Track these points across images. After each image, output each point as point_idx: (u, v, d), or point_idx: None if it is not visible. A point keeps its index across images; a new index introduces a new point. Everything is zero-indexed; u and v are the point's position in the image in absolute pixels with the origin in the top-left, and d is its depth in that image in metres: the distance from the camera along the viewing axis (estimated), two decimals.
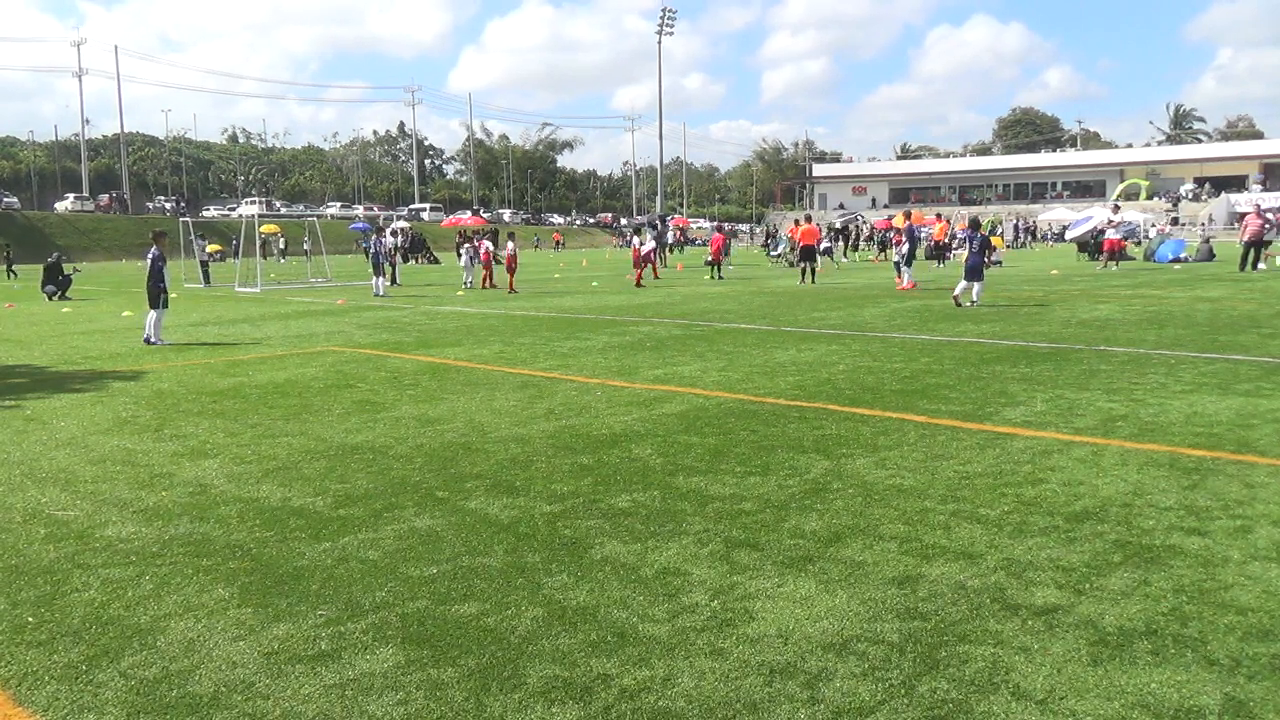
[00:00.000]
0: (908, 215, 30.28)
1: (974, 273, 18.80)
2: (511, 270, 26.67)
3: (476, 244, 29.53)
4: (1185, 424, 7.72)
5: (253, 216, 47.01)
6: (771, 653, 3.83)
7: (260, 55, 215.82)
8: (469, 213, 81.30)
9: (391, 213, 68.88)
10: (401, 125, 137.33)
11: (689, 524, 5.47)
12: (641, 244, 29.95)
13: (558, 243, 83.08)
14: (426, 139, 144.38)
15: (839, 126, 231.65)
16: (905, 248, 25.49)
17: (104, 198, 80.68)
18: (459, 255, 49.50)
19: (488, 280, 27.80)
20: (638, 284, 27.24)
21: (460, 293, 26.80)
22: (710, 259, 32.75)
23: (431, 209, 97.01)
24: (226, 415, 8.98)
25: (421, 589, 4.58)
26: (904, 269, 25.17)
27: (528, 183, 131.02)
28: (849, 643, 3.90)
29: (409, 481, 6.50)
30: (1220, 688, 3.47)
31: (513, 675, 3.69)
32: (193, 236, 34.47)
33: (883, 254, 39.45)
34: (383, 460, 7.12)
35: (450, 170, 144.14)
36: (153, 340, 15.15)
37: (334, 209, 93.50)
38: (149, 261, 15.54)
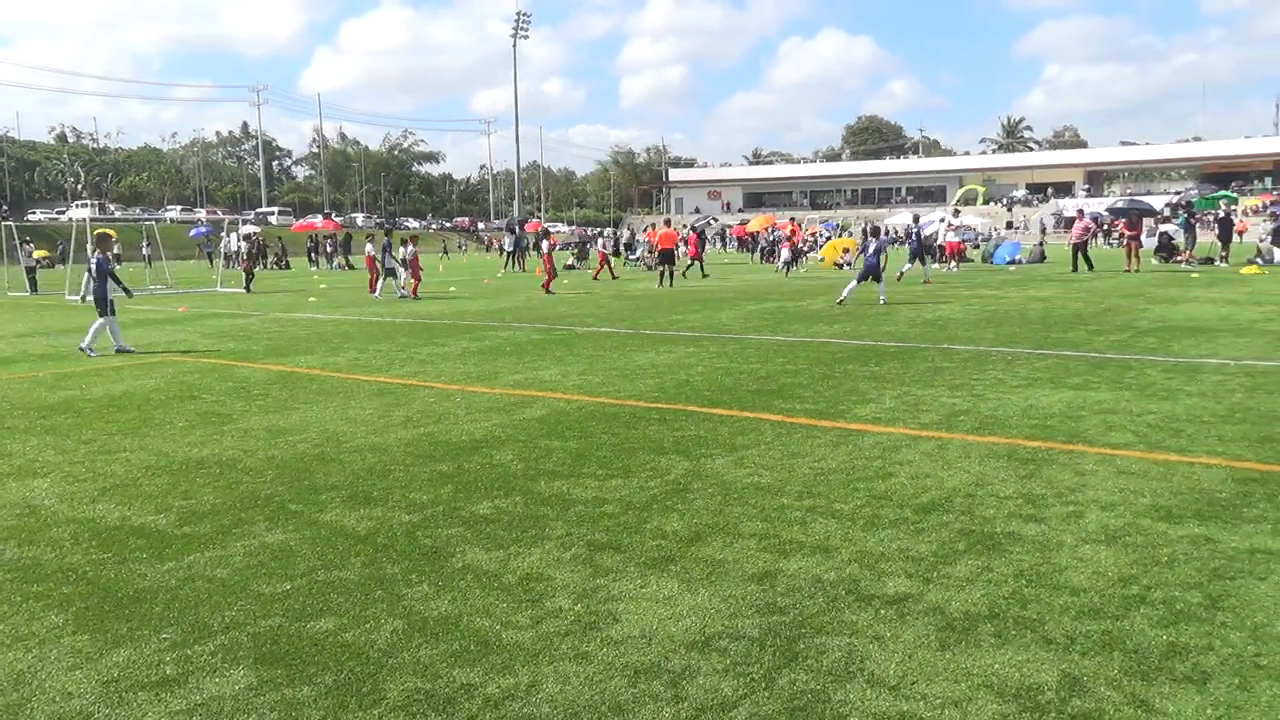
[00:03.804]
0: (792, 220, 31.37)
1: (873, 273, 19.86)
2: (416, 276, 25.82)
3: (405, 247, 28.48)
4: (1021, 417, 8.14)
5: (84, 220, 44.42)
6: (635, 654, 3.85)
7: (100, 51, 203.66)
8: (320, 216, 78.90)
9: (237, 216, 66.13)
10: (245, 125, 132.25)
11: (551, 529, 5.44)
12: (552, 248, 29.47)
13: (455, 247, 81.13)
14: (275, 140, 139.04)
15: (696, 133, 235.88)
16: (788, 252, 26.49)
17: None
18: (310, 259, 48.04)
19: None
20: (547, 290, 26.01)
21: (378, 295, 26.30)
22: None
23: (280, 212, 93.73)
24: (57, 431, 8.45)
25: (274, 606, 4.41)
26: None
27: (382, 186, 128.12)
28: (711, 640, 3.96)
29: (259, 495, 6.26)
30: (1057, 665, 3.67)
31: (372, 690, 3.60)
32: (17, 242, 32.35)
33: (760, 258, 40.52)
34: (230, 474, 6.83)
35: (300, 173, 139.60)
36: (123, 348, 14.39)
37: (174, 212, 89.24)
38: (94, 267, 14.72)
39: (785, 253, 34.36)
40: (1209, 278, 25.99)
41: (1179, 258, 33.30)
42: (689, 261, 34.02)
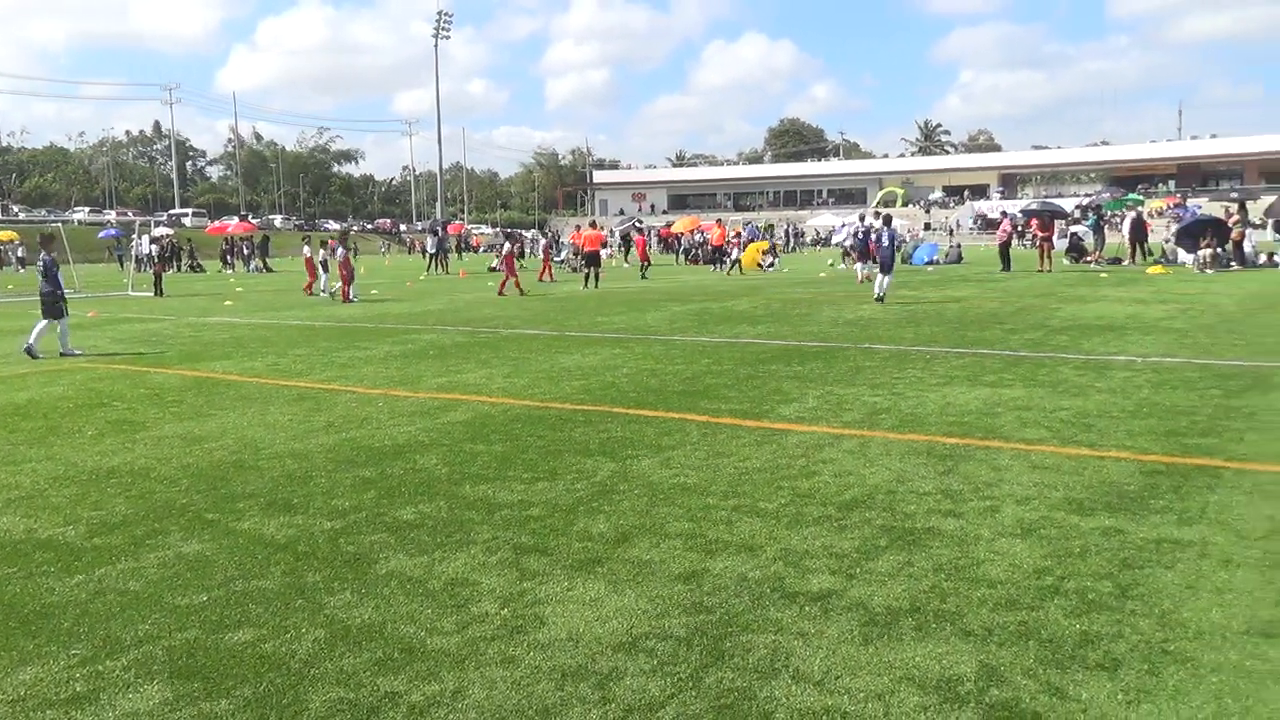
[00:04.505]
0: (719, 222, 31.93)
1: (886, 266, 20.24)
2: (346, 278, 25.27)
3: (331, 247, 27.81)
4: (940, 414, 8.32)
5: None
6: (563, 656, 3.84)
7: (1, 46, 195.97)
8: (236, 218, 77.08)
9: (148, 218, 64.23)
10: (157, 125, 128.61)
11: (477, 533, 5.39)
12: (516, 252, 29.12)
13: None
14: (188, 140, 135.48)
15: (620, 134, 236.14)
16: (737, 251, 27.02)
17: None
18: (223, 262, 46.90)
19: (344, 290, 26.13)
20: (516, 291, 25.55)
21: (321, 295, 26.16)
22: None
23: (194, 214, 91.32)
24: None
25: (190, 618, 4.29)
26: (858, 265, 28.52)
27: (300, 187, 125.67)
28: (638, 640, 3.96)
29: (174, 504, 6.09)
30: (975, 656, 3.75)
31: (293, 702, 3.52)
32: None
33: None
34: (143, 483, 6.63)
35: (215, 174, 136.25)
36: (64, 351, 14.03)
37: (82, 214, 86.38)
38: (42, 267, 14.32)
39: (735, 251, 35.26)
40: (1117, 277, 26.87)
41: (1089, 258, 34.39)
42: (642, 263, 34.50)
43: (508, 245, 27.45)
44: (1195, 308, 17.39)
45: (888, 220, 21.66)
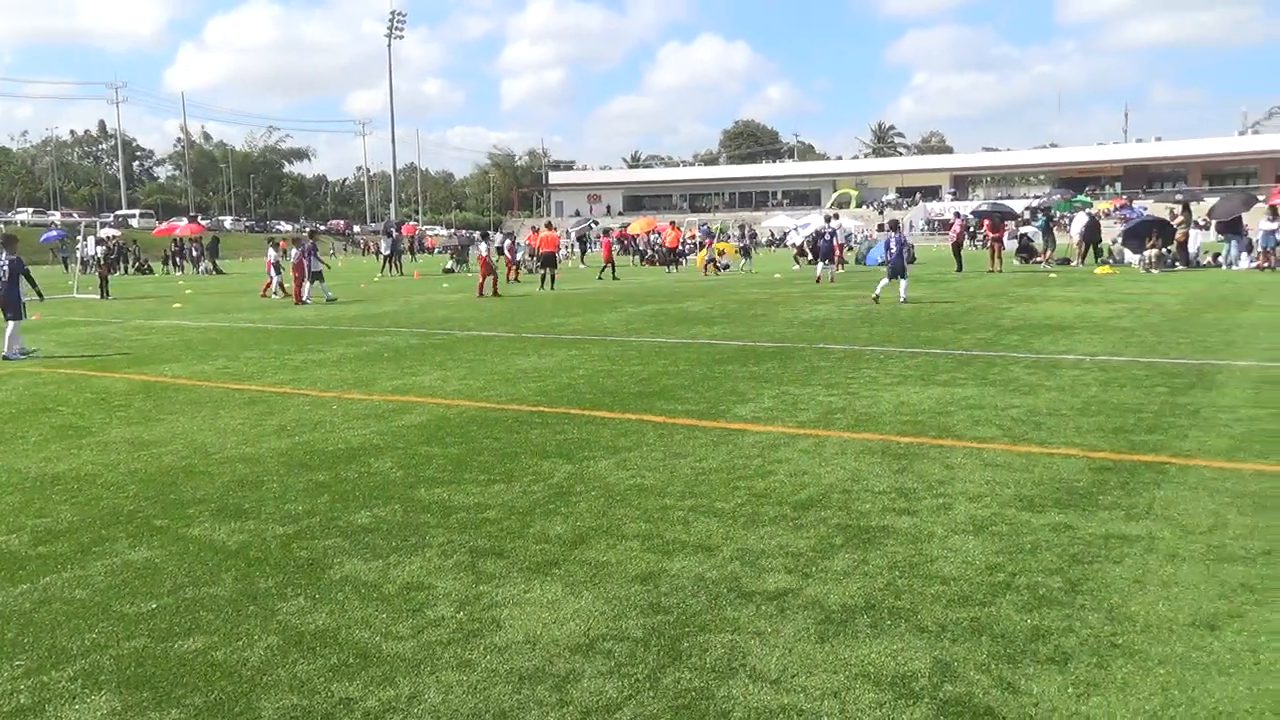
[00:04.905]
0: (672, 223, 32.12)
1: (897, 271, 20.07)
2: (299, 280, 24.94)
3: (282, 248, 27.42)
4: (894, 414, 8.40)
5: None
6: (520, 659, 3.82)
7: None
8: (185, 219, 75.85)
9: (94, 219, 62.97)
10: (103, 124, 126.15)
11: (432, 536, 5.35)
12: (492, 251, 28.85)
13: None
14: (135, 140, 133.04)
15: (575, 135, 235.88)
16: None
17: None
18: (171, 264, 46.17)
19: (281, 288, 25.60)
20: (487, 293, 25.26)
21: (274, 297, 25.96)
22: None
23: (142, 215, 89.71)
24: None
25: (139, 627, 4.21)
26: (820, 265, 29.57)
27: (251, 188, 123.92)
28: (595, 642, 3.95)
29: (122, 511, 5.97)
30: (929, 652, 3.79)
31: (246, 710, 3.47)
32: None
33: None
34: (90, 489, 6.50)
35: (163, 174, 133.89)
36: (9, 355, 13.69)
37: (25, 215, 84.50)
38: (5, 268, 14.05)
39: (705, 252, 35.68)
40: (1066, 278, 27.33)
41: (1038, 258, 34.93)
42: (606, 264, 34.41)
43: (484, 246, 27.21)
44: (1141, 307, 17.74)
45: (895, 225, 22.04)
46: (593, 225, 68.37)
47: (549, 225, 32.67)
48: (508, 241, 35.10)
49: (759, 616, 4.17)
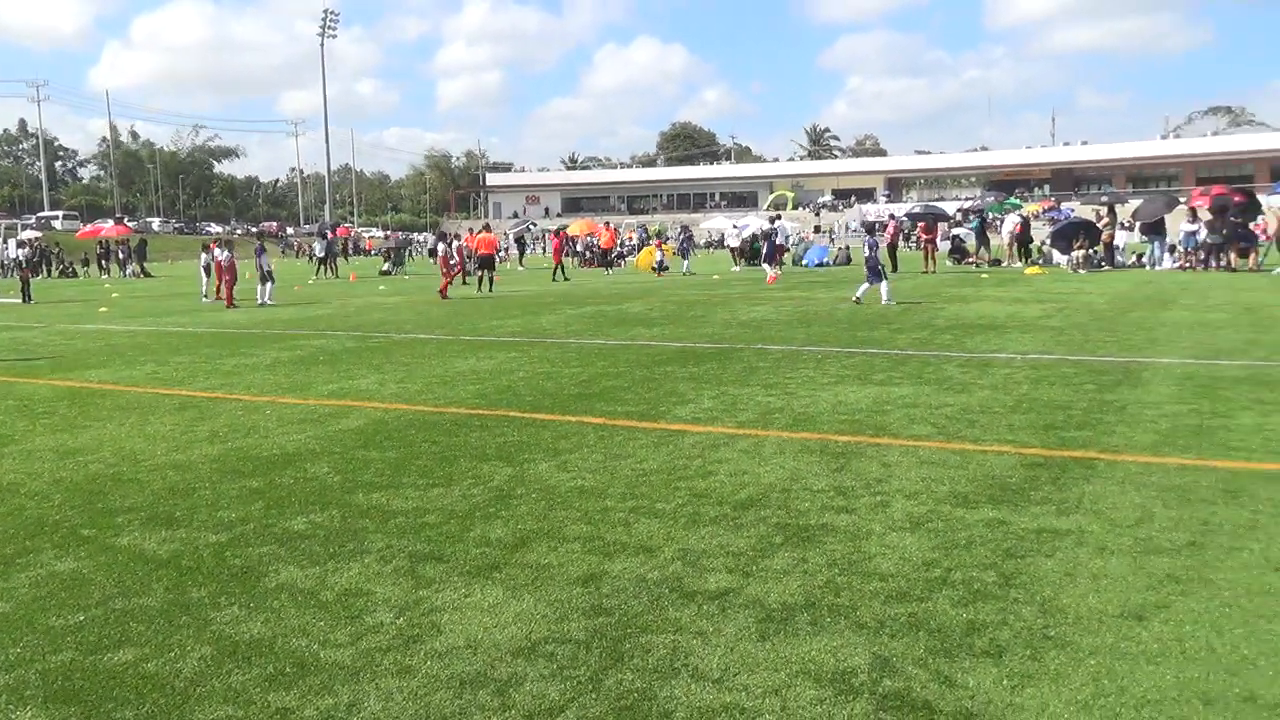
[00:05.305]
0: (608, 224, 32.09)
1: (874, 274, 19.83)
2: (230, 282, 24.36)
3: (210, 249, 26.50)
4: (832, 413, 8.50)
5: None
6: (461, 664, 3.78)
7: None
8: (110, 221, 73.91)
9: (15, 221, 61.12)
10: (23, 123, 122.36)
11: (371, 541, 5.28)
12: (451, 251, 28.55)
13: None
14: (58, 140, 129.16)
15: (513, 137, 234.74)
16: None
17: None
18: (96, 266, 45.05)
19: (222, 293, 24.85)
20: (443, 295, 25.04)
21: (205, 301, 25.55)
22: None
23: (65, 217, 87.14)
24: None
25: (66, 640, 4.09)
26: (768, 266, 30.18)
27: (179, 189, 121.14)
28: (537, 645, 3.93)
29: (47, 521, 5.80)
30: (868, 648, 3.84)
31: None
32: None
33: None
34: (13, 499, 6.30)
35: (87, 175, 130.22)
36: None
37: None
38: None
39: (658, 254, 36.44)
40: (997, 278, 27.89)
41: (971, 259, 35.63)
42: (556, 265, 34.33)
43: (442, 247, 27.00)
44: (1070, 306, 18.17)
45: (870, 229, 22.30)
46: (530, 227, 68.12)
47: (486, 227, 32.42)
48: (454, 244, 34.78)
49: (700, 616, 4.19)
